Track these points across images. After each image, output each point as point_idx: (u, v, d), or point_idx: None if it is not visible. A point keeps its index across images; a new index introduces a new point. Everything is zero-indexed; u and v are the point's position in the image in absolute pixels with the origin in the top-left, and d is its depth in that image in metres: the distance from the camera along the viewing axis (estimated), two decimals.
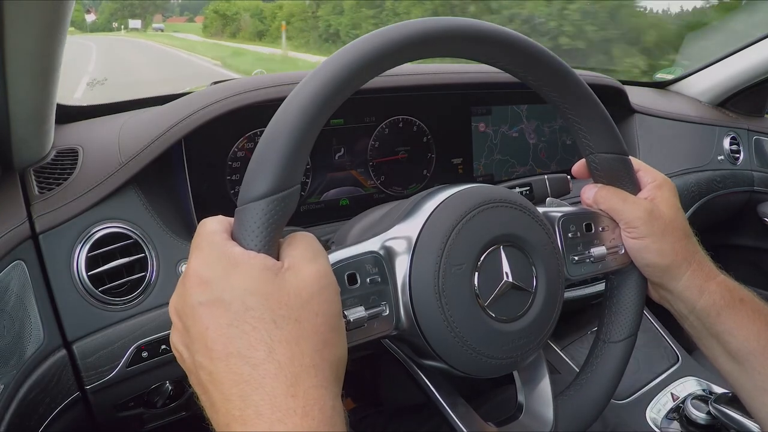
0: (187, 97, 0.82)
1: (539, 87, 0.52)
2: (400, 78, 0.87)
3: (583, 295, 1.01)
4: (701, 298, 0.57)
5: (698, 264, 0.58)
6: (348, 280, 0.45)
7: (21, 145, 0.68)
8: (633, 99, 1.21)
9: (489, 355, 0.48)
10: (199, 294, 0.35)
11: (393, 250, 0.48)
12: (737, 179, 1.38)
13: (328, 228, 0.83)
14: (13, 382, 0.58)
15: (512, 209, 0.51)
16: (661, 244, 0.56)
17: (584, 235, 0.58)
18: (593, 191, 0.60)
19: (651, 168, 0.61)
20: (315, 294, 0.35)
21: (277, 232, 0.37)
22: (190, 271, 0.36)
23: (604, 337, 0.61)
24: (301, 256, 0.37)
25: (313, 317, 0.35)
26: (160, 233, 0.69)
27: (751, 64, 1.39)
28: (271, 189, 0.36)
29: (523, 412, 0.56)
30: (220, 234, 0.37)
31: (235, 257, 0.35)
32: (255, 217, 0.36)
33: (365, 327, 0.45)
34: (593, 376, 0.59)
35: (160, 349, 0.67)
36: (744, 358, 0.56)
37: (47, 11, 0.50)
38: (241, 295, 0.34)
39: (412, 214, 0.50)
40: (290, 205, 0.37)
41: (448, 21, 0.43)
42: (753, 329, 0.55)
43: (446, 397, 0.51)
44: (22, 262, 0.61)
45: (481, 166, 1.01)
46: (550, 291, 0.52)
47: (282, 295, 0.34)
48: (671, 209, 0.58)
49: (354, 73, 0.40)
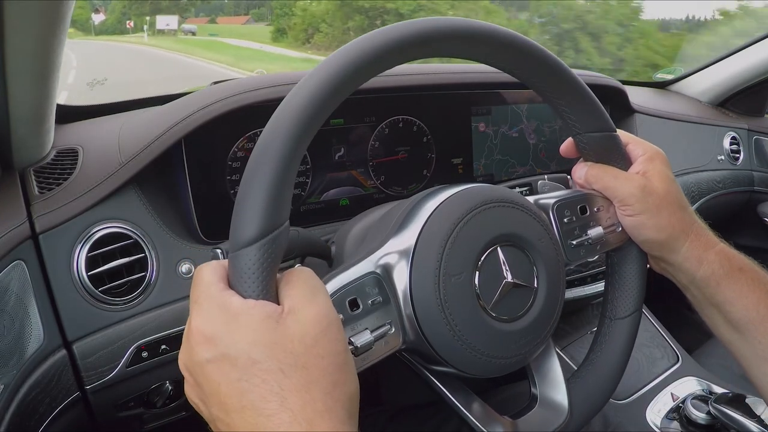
0: (187, 97, 0.82)
1: (520, 74, 0.51)
2: (400, 78, 0.87)
3: (583, 295, 1.01)
4: (700, 268, 0.56)
5: (696, 235, 0.57)
6: (350, 305, 0.45)
7: (21, 145, 0.68)
8: (633, 99, 1.21)
9: (497, 356, 0.48)
10: (205, 351, 0.35)
11: (390, 267, 0.48)
12: (737, 179, 1.38)
13: (328, 228, 0.83)
14: (13, 382, 0.58)
15: (505, 208, 0.50)
16: (657, 219, 0.56)
17: (580, 218, 0.57)
18: (584, 170, 0.59)
19: (641, 140, 0.60)
20: (319, 336, 0.35)
21: (273, 273, 0.37)
22: (192, 328, 0.36)
23: (610, 315, 0.60)
24: (300, 296, 0.37)
25: (320, 360, 0.35)
26: (160, 233, 0.69)
27: (751, 64, 1.40)
28: (261, 232, 0.35)
29: (538, 401, 0.56)
30: (216, 285, 0.37)
31: (235, 310, 0.35)
32: (249, 263, 0.36)
33: (373, 349, 0.45)
34: (603, 355, 0.59)
35: (160, 349, 0.67)
36: (744, 327, 0.55)
37: (47, 11, 0.50)
38: (247, 349, 0.34)
39: (406, 225, 0.49)
40: (282, 243, 0.37)
41: (409, 24, 0.42)
42: (753, 298, 0.55)
43: (460, 398, 0.51)
44: (22, 262, 0.61)
45: (482, 166, 1.01)
46: (551, 284, 0.52)
47: (286, 343, 0.34)
48: (664, 182, 0.57)
49: (322, 102, 0.38)
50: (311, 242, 0.62)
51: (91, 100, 0.93)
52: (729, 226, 1.52)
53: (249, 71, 9.93)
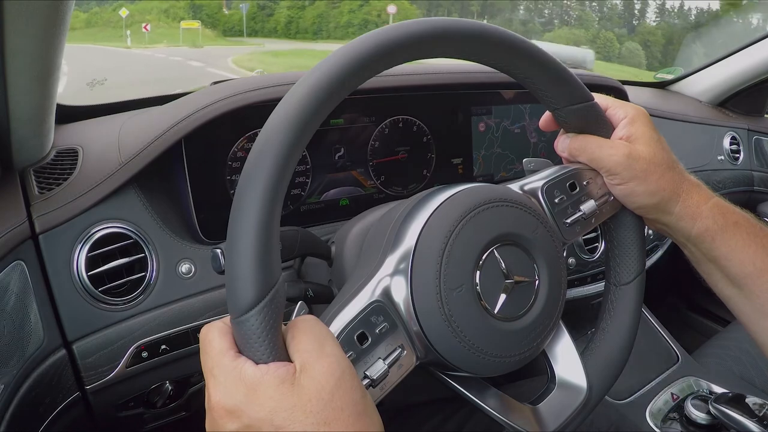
0: (187, 97, 0.82)
1: (489, 61, 0.50)
2: (400, 78, 0.87)
3: (583, 295, 1.01)
4: (695, 225, 0.56)
5: (687, 193, 0.56)
6: (358, 340, 0.45)
7: (21, 145, 0.68)
8: (633, 99, 1.21)
9: (510, 355, 0.49)
10: (230, 424, 0.36)
11: (390, 291, 0.47)
12: (737, 179, 1.38)
13: (328, 228, 0.83)
14: (13, 382, 0.58)
15: (493, 208, 0.50)
16: (647, 184, 0.55)
17: (570, 195, 0.57)
18: (566, 143, 0.58)
19: (620, 102, 0.59)
20: (334, 389, 0.36)
21: (278, 331, 0.37)
22: (213, 404, 0.37)
23: (615, 281, 0.60)
24: (309, 350, 0.37)
25: (340, 413, 0.35)
26: (160, 233, 0.69)
27: (750, 64, 1.40)
28: (258, 297, 0.36)
29: (556, 383, 0.56)
30: (227, 354, 0.37)
31: (250, 380, 0.36)
32: (252, 328, 0.36)
33: (389, 376, 0.45)
34: (613, 322, 0.59)
35: (160, 349, 0.67)
36: (742, 282, 0.55)
37: (47, 12, 0.50)
38: (269, 418, 0.35)
39: (399, 242, 0.49)
40: (281, 299, 0.37)
41: (375, 33, 0.42)
42: (749, 252, 0.54)
43: (478, 393, 0.51)
44: (22, 262, 0.61)
45: (481, 157, 1.01)
46: (552, 273, 0.52)
47: (305, 404, 0.35)
48: (649, 145, 0.56)
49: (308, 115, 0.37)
50: (311, 242, 0.62)
51: (92, 100, 0.93)
52: None
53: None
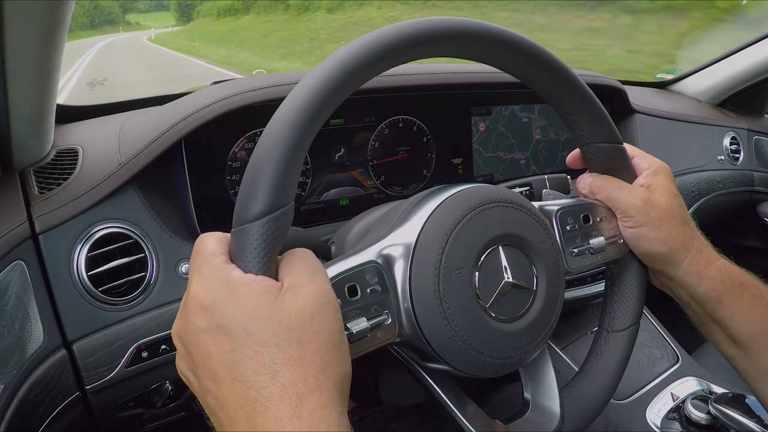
0: (187, 97, 0.82)
1: (530, 81, 0.51)
2: (400, 78, 0.87)
3: (583, 295, 1.01)
4: (701, 284, 0.56)
5: (697, 250, 0.57)
6: (348, 292, 0.45)
7: (21, 145, 0.68)
8: (633, 99, 1.21)
9: (493, 356, 0.48)
10: (201, 320, 0.35)
11: (391, 258, 0.48)
12: (737, 179, 1.38)
13: (328, 228, 0.83)
14: (13, 382, 0.58)
15: (508, 208, 0.51)
16: (659, 232, 0.56)
17: (582, 227, 0.58)
18: (588, 180, 0.60)
19: (647, 154, 0.61)
20: (315, 314, 0.36)
21: (275, 251, 0.37)
22: (191, 297, 0.36)
23: (607, 327, 0.60)
24: (299, 275, 0.37)
25: (315, 337, 0.35)
26: (160, 233, 0.69)
27: (750, 64, 1.40)
28: (266, 209, 0.36)
29: (530, 407, 0.56)
30: (218, 256, 0.37)
31: (235, 282, 0.35)
32: (251, 238, 0.36)
33: (368, 337, 0.45)
34: (598, 366, 0.59)
35: (160, 349, 0.67)
36: (746, 343, 0.55)
37: (47, 11, 0.50)
38: (243, 321, 0.34)
39: (409, 219, 0.49)
40: (286, 223, 0.37)
41: (427, 21, 0.42)
42: (754, 315, 0.55)
43: (453, 398, 0.51)
44: (22, 262, 0.61)
45: (481, 157, 1.01)
46: (550, 288, 0.52)
47: (283, 318, 0.35)
48: (668, 196, 0.57)
49: (340, 83, 0.38)
50: (311, 242, 0.62)
51: (91, 100, 0.93)
52: (729, 226, 1.52)
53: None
